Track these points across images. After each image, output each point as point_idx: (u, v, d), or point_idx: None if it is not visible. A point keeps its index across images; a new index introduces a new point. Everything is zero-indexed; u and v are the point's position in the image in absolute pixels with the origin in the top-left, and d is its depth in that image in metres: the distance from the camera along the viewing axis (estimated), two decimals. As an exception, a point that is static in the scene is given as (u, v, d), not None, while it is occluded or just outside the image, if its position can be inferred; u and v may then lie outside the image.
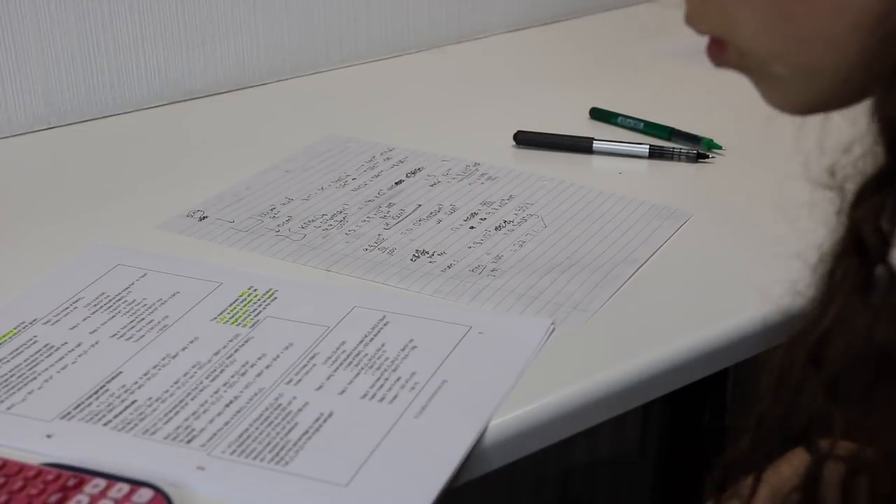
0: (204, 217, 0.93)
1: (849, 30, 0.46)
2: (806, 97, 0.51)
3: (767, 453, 0.56)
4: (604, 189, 0.99)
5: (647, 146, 1.06)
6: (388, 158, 1.06)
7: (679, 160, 1.04)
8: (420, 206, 0.97)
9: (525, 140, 1.08)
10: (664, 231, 0.92)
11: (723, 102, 1.09)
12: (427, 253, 0.89)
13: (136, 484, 0.62)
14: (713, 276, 0.86)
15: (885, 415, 0.48)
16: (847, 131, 0.49)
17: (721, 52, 0.53)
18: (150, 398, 0.70)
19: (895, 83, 0.45)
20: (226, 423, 0.68)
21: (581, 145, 1.06)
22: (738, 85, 0.58)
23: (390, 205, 0.97)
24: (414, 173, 1.03)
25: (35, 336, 0.77)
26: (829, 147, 0.50)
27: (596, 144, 1.06)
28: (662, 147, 1.06)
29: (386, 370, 0.73)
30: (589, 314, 0.80)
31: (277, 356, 0.75)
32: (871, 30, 0.46)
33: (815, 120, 0.53)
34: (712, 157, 1.05)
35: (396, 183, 1.01)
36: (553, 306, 0.81)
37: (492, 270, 0.86)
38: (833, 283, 0.49)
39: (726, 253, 0.90)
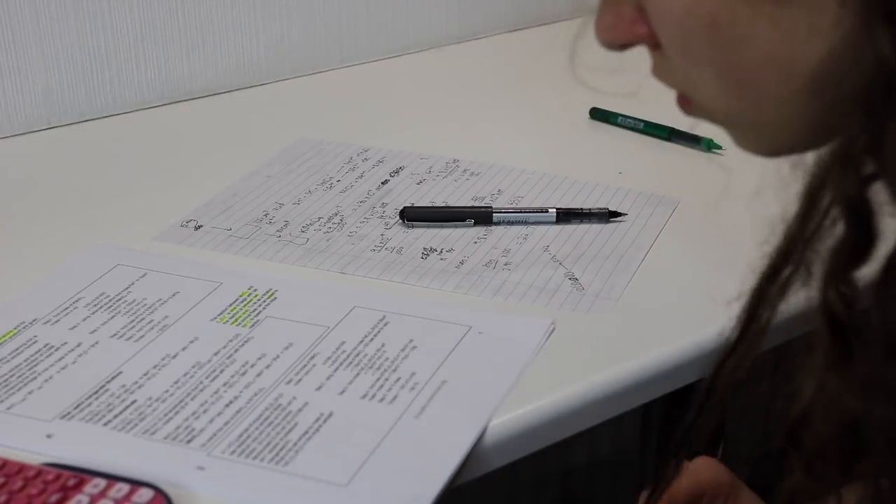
0: (199, 226, 0.93)
1: (797, 94, 0.48)
2: (770, 146, 0.53)
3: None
4: (598, 182, 1.00)
5: (555, 211, 0.93)
6: (365, 159, 1.06)
7: (590, 222, 0.93)
8: (413, 204, 0.97)
9: (413, 216, 0.93)
10: (659, 218, 0.94)
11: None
12: (435, 250, 0.89)
13: (136, 484, 0.62)
14: (714, 274, 0.86)
15: (867, 485, 0.49)
16: None
17: (687, 106, 0.55)
18: (150, 398, 0.70)
19: (848, 160, 0.46)
20: (226, 423, 0.68)
21: (480, 216, 0.93)
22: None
23: (384, 204, 0.97)
24: (397, 172, 1.03)
25: (35, 336, 0.77)
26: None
27: (496, 215, 0.93)
28: (570, 209, 0.94)
29: (386, 370, 0.73)
30: (613, 301, 0.81)
31: (277, 356, 0.75)
32: (820, 93, 0.47)
33: None
34: (624, 217, 0.94)
35: (383, 183, 1.01)
36: (576, 296, 0.82)
37: (505, 264, 0.86)
38: (809, 361, 0.50)
39: (727, 251, 0.90)
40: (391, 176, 1.02)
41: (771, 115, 0.50)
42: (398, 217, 0.93)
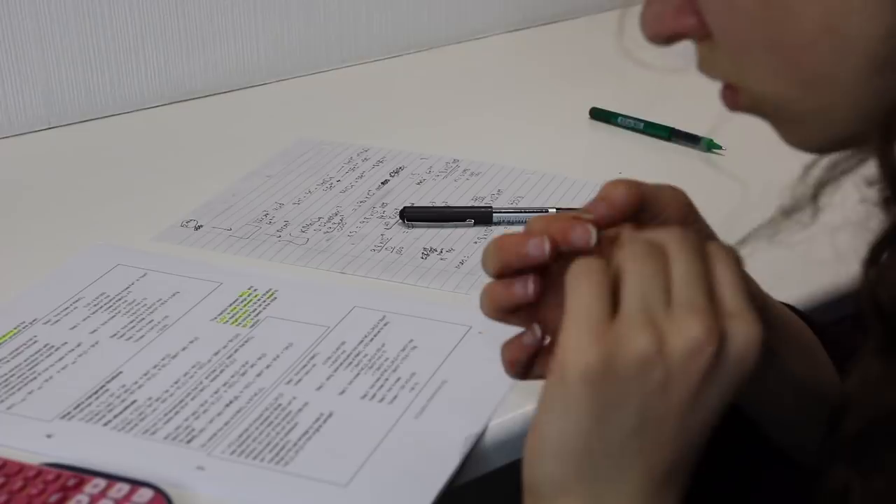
0: (199, 226, 0.93)
1: (854, 72, 0.46)
2: (822, 137, 0.51)
3: None
4: (598, 182, 1.00)
5: (555, 211, 0.92)
6: (365, 159, 1.06)
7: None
8: (413, 204, 0.96)
9: (413, 216, 0.94)
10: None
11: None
12: (435, 251, 0.89)
13: (136, 484, 0.62)
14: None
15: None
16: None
17: (734, 98, 0.53)
18: (150, 398, 0.70)
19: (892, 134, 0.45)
20: (226, 423, 0.68)
21: (480, 216, 0.93)
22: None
23: (384, 204, 0.97)
24: (397, 172, 1.03)
25: (35, 336, 0.77)
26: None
27: (496, 215, 0.93)
28: (570, 209, 0.88)
29: (386, 370, 0.73)
30: None
31: (277, 356, 0.75)
32: (877, 72, 0.46)
33: None
34: None
35: (383, 183, 1.01)
36: None
37: None
38: (861, 344, 0.49)
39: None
40: (391, 176, 1.02)
41: (824, 99, 0.48)
42: (398, 217, 0.93)
